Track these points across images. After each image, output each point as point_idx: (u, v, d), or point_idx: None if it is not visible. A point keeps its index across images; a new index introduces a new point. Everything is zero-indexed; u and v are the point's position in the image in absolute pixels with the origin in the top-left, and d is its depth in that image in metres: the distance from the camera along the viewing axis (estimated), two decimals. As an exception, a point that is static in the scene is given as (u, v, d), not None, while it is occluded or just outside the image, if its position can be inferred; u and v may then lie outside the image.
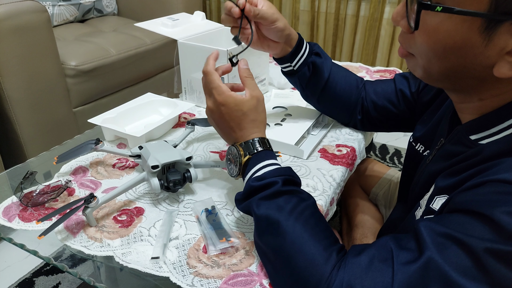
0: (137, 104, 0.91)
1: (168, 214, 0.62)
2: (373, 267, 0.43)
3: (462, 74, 0.45)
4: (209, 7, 2.63)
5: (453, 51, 0.43)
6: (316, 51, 0.78)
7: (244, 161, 0.57)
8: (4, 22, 1.18)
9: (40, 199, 0.64)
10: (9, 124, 1.30)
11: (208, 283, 0.50)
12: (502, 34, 0.39)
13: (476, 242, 0.38)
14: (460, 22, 0.41)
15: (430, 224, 0.42)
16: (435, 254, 0.40)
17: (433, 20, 0.43)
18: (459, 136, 0.51)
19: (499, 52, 0.40)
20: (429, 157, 0.60)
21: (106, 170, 0.74)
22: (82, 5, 1.92)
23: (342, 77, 0.80)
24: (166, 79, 1.91)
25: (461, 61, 0.43)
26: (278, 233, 0.48)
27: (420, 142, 0.68)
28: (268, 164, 0.56)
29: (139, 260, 0.54)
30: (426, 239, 0.41)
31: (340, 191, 0.74)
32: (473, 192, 0.41)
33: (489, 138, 0.46)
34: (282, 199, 0.51)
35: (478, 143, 0.47)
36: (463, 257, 0.39)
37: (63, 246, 0.57)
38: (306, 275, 0.45)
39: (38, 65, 1.30)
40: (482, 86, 0.46)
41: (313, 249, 0.46)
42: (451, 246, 0.39)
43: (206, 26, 1.05)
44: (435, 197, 0.49)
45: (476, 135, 0.48)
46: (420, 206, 0.54)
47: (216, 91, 0.59)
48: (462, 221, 0.40)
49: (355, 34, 2.18)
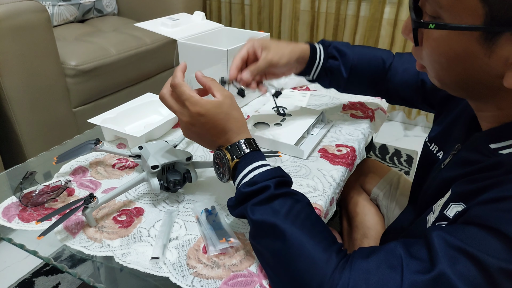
0: (137, 104, 0.91)
1: (168, 214, 0.62)
2: (381, 273, 0.42)
3: (473, 84, 0.45)
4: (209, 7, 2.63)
5: (458, 63, 0.43)
6: (332, 54, 0.79)
7: (233, 165, 0.56)
8: (4, 21, 1.18)
9: (40, 199, 0.64)
10: (9, 124, 1.30)
11: (208, 283, 0.50)
12: (504, 45, 0.38)
13: (491, 260, 0.37)
14: (459, 35, 0.41)
15: (444, 235, 0.41)
16: (447, 268, 0.38)
17: (433, 34, 0.43)
18: (477, 144, 0.50)
19: (505, 63, 0.39)
20: (444, 162, 0.59)
21: (106, 170, 0.74)
22: (82, 5, 1.91)
23: (365, 66, 0.81)
24: (166, 79, 1.90)
25: (469, 72, 0.43)
26: (275, 237, 0.48)
27: (435, 143, 0.68)
28: (258, 166, 0.54)
29: (139, 260, 0.54)
30: (439, 251, 0.40)
31: (339, 191, 0.74)
32: (492, 207, 0.40)
33: (510, 148, 0.44)
34: (276, 203, 0.50)
35: (498, 152, 0.46)
36: (475, 274, 0.37)
37: (62, 246, 0.57)
38: (307, 278, 0.44)
39: (38, 65, 1.30)
40: (497, 95, 0.45)
41: (312, 251, 0.45)
42: (464, 262, 0.38)
43: (206, 26, 1.05)
44: (450, 204, 0.48)
45: (496, 144, 0.46)
46: (433, 211, 0.53)
47: (189, 102, 0.56)
48: (478, 236, 0.39)
49: (355, 34, 2.18)
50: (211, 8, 2.64)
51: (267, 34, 1.02)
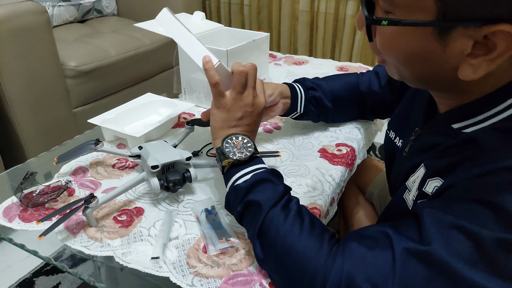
0: (136, 105, 0.91)
1: (168, 214, 0.62)
2: (373, 255, 0.42)
3: (433, 78, 0.45)
4: (209, 7, 2.64)
5: (415, 59, 0.43)
6: (310, 86, 0.80)
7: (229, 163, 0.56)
8: (4, 23, 1.18)
9: (40, 199, 0.64)
10: (9, 124, 1.30)
11: (208, 282, 0.50)
12: (457, 38, 0.39)
13: (485, 232, 0.37)
14: (413, 30, 0.41)
15: (435, 211, 0.41)
16: (440, 246, 0.38)
17: (387, 30, 0.43)
18: (438, 126, 0.50)
19: (460, 55, 0.40)
20: (405, 149, 0.59)
21: (106, 170, 0.75)
22: (81, 6, 1.92)
23: (343, 92, 0.83)
24: (166, 79, 1.91)
25: (426, 67, 0.43)
26: (267, 228, 0.48)
27: (392, 129, 0.68)
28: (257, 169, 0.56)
29: (139, 260, 0.54)
30: (431, 229, 0.40)
31: (340, 191, 0.74)
32: (480, 181, 0.39)
33: (475, 126, 0.45)
34: None
35: (462, 131, 0.46)
36: (470, 248, 0.37)
37: (63, 246, 0.57)
38: (301, 269, 0.45)
39: (38, 66, 1.30)
40: (457, 88, 0.45)
41: (304, 241, 0.46)
42: (457, 236, 0.38)
43: (206, 26, 1.05)
44: (428, 180, 0.48)
45: (459, 123, 0.47)
46: (409, 189, 0.53)
47: (254, 92, 0.61)
48: (469, 210, 0.39)
49: (354, 34, 2.18)
50: (210, 8, 2.64)
51: (267, 34, 1.02)
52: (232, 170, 0.56)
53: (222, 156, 0.56)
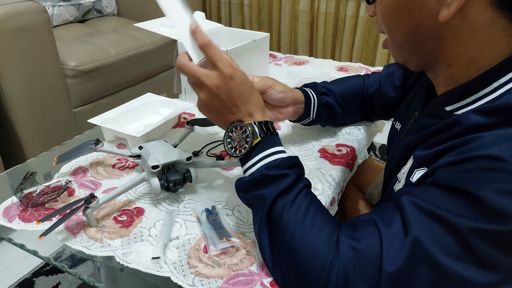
0: (137, 105, 0.91)
1: (168, 214, 0.62)
2: (363, 246, 0.43)
3: (419, 34, 0.47)
4: (209, 7, 2.64)
5: (402, 10, 0.47)
6: (322, 91, 0.80)
7: (256, 142, 0.53)
8: (4, 22, 1.18)
9: (40, 199, 0.64)
10: (9, 124, 1.30)
11: (209, 282, 0.50)
12: None
13: (461, 221, 0.38)
14: None
15: (414, 199, 0.42)
16: (420, 234, 0.40)
17: None
18: (434, 108, 0.51)
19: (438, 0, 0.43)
20: (403, 132, 0.60)
21: (106, 170, 0.74)
22: (82, 6, 1.92)
23: (352, 96, 0.84)
24: (166, 79, 1.91)
25: (412, 19, 0.46)
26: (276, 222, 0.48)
27: (397, 119, 0.69)
28: (279, 151, 0.53)
29: (140, 260, 0.54)
30: (411, 217, 0.41)
31: (340, 191, 0.74)
32: (457, 169, 0.41)
33: (464, 108, 0.46)
34: (299, 197, 0.50)
35: (454, 114, 0.47)
36: (447, 237, 0.39)
37: (63, 246, 0.57)
38: (309, 267, 0.45)
39: (38, 65, 1.30)
40: (442, 45, 0.46)
41: (315, 239, 0.46)
42: (435, 225, 0.40)
43: (206, 26, 1.05)
44: (415, 171, 0.48)
45: (452, 105, 0.48)
46: (399, 180, 0.53)
47: (222, 64, 0.53)
48: (446, 198, 0.40)
49: (354, 34, 2.18)
50: (211, 8, 2.64)
51: (267, 34, 1.02)
52: (241, 163, 0.56)
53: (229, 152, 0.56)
